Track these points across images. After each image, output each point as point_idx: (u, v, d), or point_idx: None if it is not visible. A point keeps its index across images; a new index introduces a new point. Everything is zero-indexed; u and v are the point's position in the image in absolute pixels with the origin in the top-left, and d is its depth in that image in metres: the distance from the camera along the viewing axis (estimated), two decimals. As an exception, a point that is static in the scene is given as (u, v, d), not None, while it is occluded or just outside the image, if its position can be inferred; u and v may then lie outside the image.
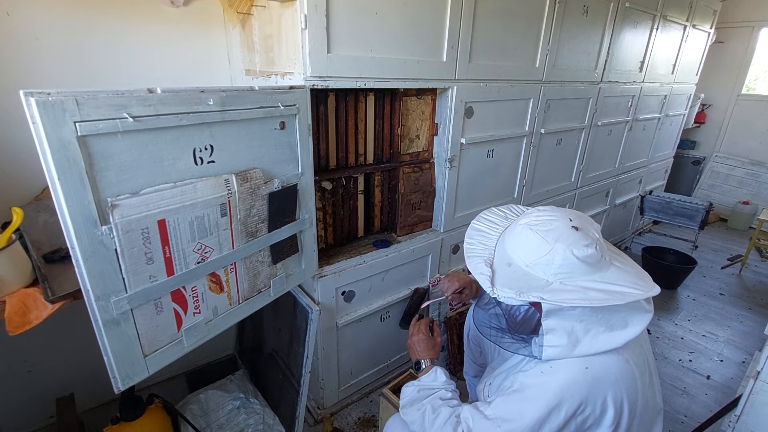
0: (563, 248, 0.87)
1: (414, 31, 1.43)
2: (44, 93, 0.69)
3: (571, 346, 0.86)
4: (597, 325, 0.86)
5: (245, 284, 1.18)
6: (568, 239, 0.88)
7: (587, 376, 0.85)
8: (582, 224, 0.92)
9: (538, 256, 0.89)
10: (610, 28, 2.29)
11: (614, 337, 0.87)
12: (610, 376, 0.86)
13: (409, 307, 1.77)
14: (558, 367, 0.88)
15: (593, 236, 0.90)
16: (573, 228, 0.90)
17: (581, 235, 0.89)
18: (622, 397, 0.86)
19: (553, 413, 0.84)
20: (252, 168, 1.09)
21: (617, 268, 0.91)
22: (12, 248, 0.98)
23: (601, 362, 0.86)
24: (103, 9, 1.40)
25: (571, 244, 0.87)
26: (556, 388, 0.85)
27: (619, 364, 0.87)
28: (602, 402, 0.85)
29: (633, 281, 0.88)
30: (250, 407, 1.67)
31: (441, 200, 1.80)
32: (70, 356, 1.56)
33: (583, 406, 0.84)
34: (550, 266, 0.88)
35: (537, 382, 0.88)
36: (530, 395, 0.87)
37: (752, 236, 3.12)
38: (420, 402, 1.05)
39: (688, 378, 2.06)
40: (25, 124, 0.69)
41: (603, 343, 0.86)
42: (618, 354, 0.88)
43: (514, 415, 0.86)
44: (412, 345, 1.25)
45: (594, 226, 0.95)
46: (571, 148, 2.46)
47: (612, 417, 0.86)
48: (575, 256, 0.86)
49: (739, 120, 4.30)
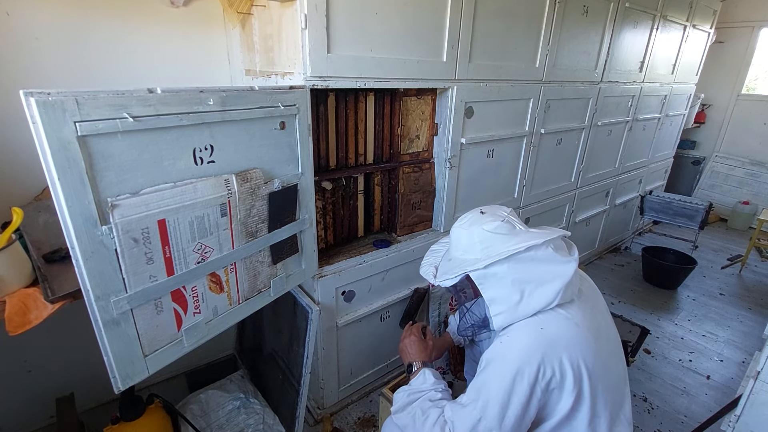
0: (477, 228, 1.04)
1: (414, 31, 1.43)
2: (44, 93, 0.69)
3: (513, 308, 0.96)
4: (527, 283, 0.96)
5: (245, 284, 1.18)
6: (479, 221, 1.05)
7: (540, 340, 0.92)
8: (489, 209, 1.10)
9: (464, 242, 1.06)
10: (610, 28, 2.29)
11: (546, 289, 0.96)
12: (562, 339, 0.93)
13: (409, 307, 1.77)
14: (513, 335, 0.96)
15: (500, 214, 1.07)
16: (481, 213, 1.09)
17: (488, 215, 1.07)
18: (578, 359, 0.92)
19: (516, 381, 0.90)
20: (252, 168, 1.09)
21: (532, 233, 1.03)
22: (12, 248, 0.98)
23: (550, 324, 0.94)
24: (103, 9, 1.40)
25: (481, 224, 1.04)
26: (514, 355, 0.92)
27: (571, 327, 0.95)
28: (559, 364, 0.91)
29: (543, 235, 1.00)
30: (250, 407, 1.67)
31: (441, 200, 1.80)
32: (70, 356, 1.56)
33: (542, 369, 0.90)
34: (474, 245, 1.03)
35: (496, 353, 0.96)
36: (493, 368, 0.94)
37: (752, 236, 3.12)
38: (410, 405, 1.07)
39: (688, 378, 2.06)
40: (25, 124, 0.69)
41: (539, 297, 0.96)
42: (566, 318, 0.96)
43: (482, 392, 0.93)
44: (404, 348, 1.29)
45: (502, 208, 1.12)
46: (571, 148, 2.46)
47: (572, 380, 0.91)
48: (486, 230, 1.02)
49: (739, 120, 4.30)
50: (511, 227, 1.03)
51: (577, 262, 1.00)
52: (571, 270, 0.98)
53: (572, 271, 0.98)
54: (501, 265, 0.96)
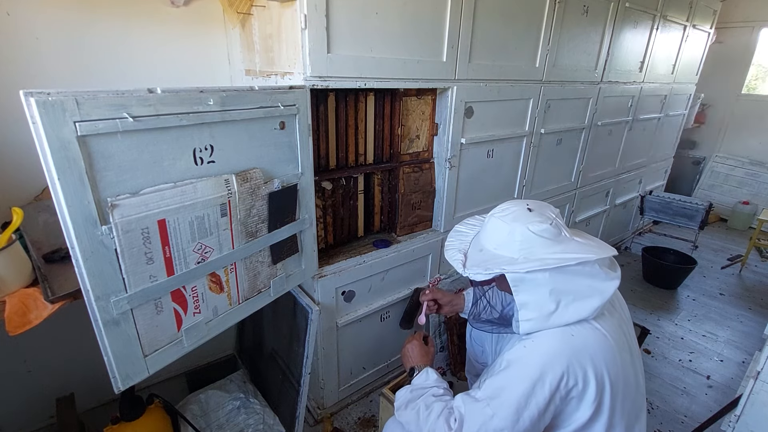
0: (520, 226, 0.97)
1: (414, 31, 1.43)
2: (44, 93, 0.69)
3: (545, 317, 0.92)
4: (565, 295, 0.92)
5: (245, 284, 1.18)
6: (524, 218, 0.99)
7: (566, 347, 0.89)
8: (537, 207, 1.03)
9: (502, 237, 1.00)
10: (610, 28, 2.29)
11: (584, 304, 0.92)
12: (589, 347, 0.90)
13: (410, 307, 1.77)
14: (539, 340, 0.93)
15: (548, 215, 1.00)
16: (528, 209, 1.01)
17: (536, 214, 1.00)
18: (602, 371, 0.90)
19: (537, 386, 0.87)
20: (252, 168, 1.09)
21: (577, 242, 0.98)
22: (12, 248, 0.98)
23: (579, 333, 0.91)
24: (103, 9, 1.40)
25: (526, 222, 0.97)
26: (537, 359, 0.90)
27: (599, 338, 0.92)
28: (583, 374, 0.88)
29: (591, 249, 0.95)
30: (250, 407, 1.67)
31: (441, 200, 1.81)
32: (70, 356, 1.56)
33: (565, 377, 0.88)
34: (513, 243, 0.97)
35: (520, 355, 0.93)
36: (514, 370, 0.91)
37: (752, 236, 3.12)
38: (414, 402, 1.07)
39: (688, 378, 2.06)
40: (25, 124, 0.69)
41: (574, 311, 0.92)
42: (595, 329, 0.93)
43: (500, 392, 0.90)
44: (406, 352, 1.30)
45: (550, 208, 1.05)
46: (571, 148, 2.46)
47: (594, 391, 0.89)
48: (531, 231, 0.96)
49: (739, 120, 4.30)
50: (557, 232, 0.97)
51: (619, 280, 0.96)
52: (613, 288, 0.94)
53: (613, 289, 0.94)
54: (543, 273, 0.92)
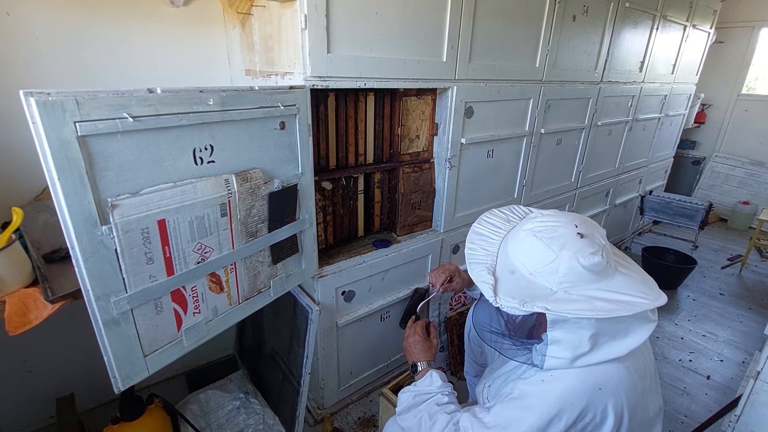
0: (569, 256, 0.84)
1: (414, 31, 1.43)
2: (44, 93, 0.69)
3: (577, 357, 0.85)
4: (603, 336, 0.84)
5: (245, 284, 1.18)
6: (574, 247, 0.85)
7: (588, 384, 0.84)
8: (587, 231, 0.89)
9: (542, 264, 0.86)
10: (610, 28, 2.29)
11: (616, 346, 0.85)
12: (611, 384, 0.84)
13: (410, 306, 1.77)
14: (559, 376, 0.86)
15: (599, 243, 0.87)
16: (578, 235, 0.87)
17: (587, 242, 0.86)
18: (622, 404, 0.85)
19: (553, 422, 0.82)
20: (252, 168, 1.09)
21: (623, 275, 0.88)
22: (12, 248, 0.98)
23: (602, 370, 0.85)
24: (103, 9, 1.40)
25: (576, 252, 0.84)
26: (557, 396, 0.84)
27: (620, 371, 0.86)
28: (602, 410, 0.84)
29: (639, 289, 0.86)
30: (250, 407, 1.67)
31: (441, 200, 1.80)
32: (70, 356, 1.56)
33: (583, 414, 0.83)
34: (555, 275, 0.85)
35: (537, 390, 0.87)
36: (530, 403, 0.85)
37: (752, 236, 3.12)
38: (416, 408, 1.04)
39: (688, 378, 2.06)
40: (25, 124, 0.69)
41: (605, 353, 0.85)
42: (619, 362, 0.86)
43: (514, 423, 0.85)
44: (408, 347, 1.25)
45: (599, 231, 0.92)
46: (571, 148, 2.46)
47: (612, 424, 0.85)
48: (581, 264, 0.83)
49: (739, 120, 4.30)
50: (606, 264, 0.86)
51: (656, 323, 0.90)
52: (649, 332, 0.87)
53: (649, 333, 0.87)
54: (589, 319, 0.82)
